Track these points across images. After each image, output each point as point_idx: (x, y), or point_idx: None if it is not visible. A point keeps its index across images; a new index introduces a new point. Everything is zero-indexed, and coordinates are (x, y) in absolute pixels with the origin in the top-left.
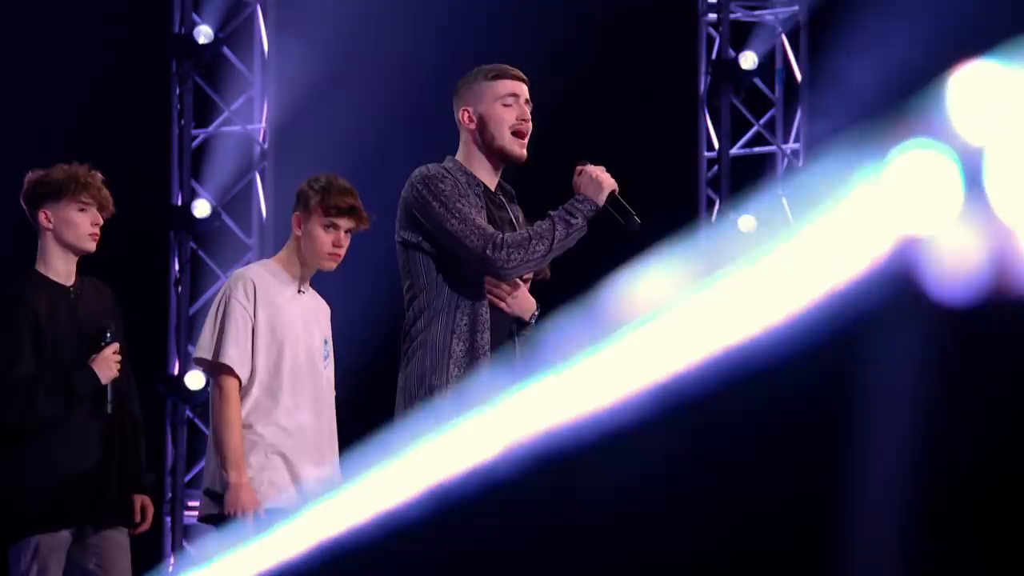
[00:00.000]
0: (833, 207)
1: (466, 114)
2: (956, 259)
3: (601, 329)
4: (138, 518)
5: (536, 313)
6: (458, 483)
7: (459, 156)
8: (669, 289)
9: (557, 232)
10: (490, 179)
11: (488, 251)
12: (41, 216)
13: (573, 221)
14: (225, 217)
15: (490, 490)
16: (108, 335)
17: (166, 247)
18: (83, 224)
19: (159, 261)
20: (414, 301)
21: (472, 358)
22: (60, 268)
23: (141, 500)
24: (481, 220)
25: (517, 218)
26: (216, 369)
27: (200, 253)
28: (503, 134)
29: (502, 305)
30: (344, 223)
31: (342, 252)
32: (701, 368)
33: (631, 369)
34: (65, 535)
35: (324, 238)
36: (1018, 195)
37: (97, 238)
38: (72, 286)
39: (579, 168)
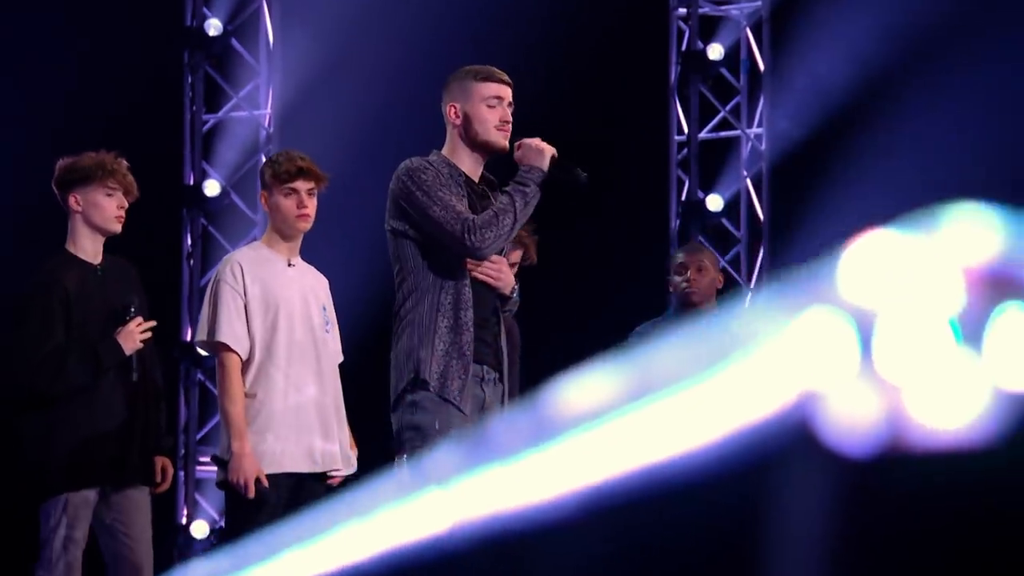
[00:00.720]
0: (747, 354)
1: (453, 109)
2: (852, 414)
3: (544, 429)
4: (159, 479)
5: (516, 288)
6: (410, 552)
7: (444, 150)
8: (605, 400)
9: (517, 204)
10: (473, 170)
11: (466, 234)
12: (71, 200)
13: (527, 190)
14: (233, 196)
15: (440, 561)
16: (132, 309)
17: (179, 223)
18: (110, 207)
19: (173, 236)
20: (403, 284)
21: (456, 333)
22: (88, 248)
23: (162, 462)
24: (461, 206)
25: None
26: (215, 348)
27: (210, 229)
28: (487, 130)
29: (489, 280)
30: (300, 184)
31: (309, 211)
32: (632, 477)
33: (569, 470)
34: (91, 493)
35: (287, 204)
36: (908, 357)
37: (123, 220)
38: (99, 264)
39: (518, 143)
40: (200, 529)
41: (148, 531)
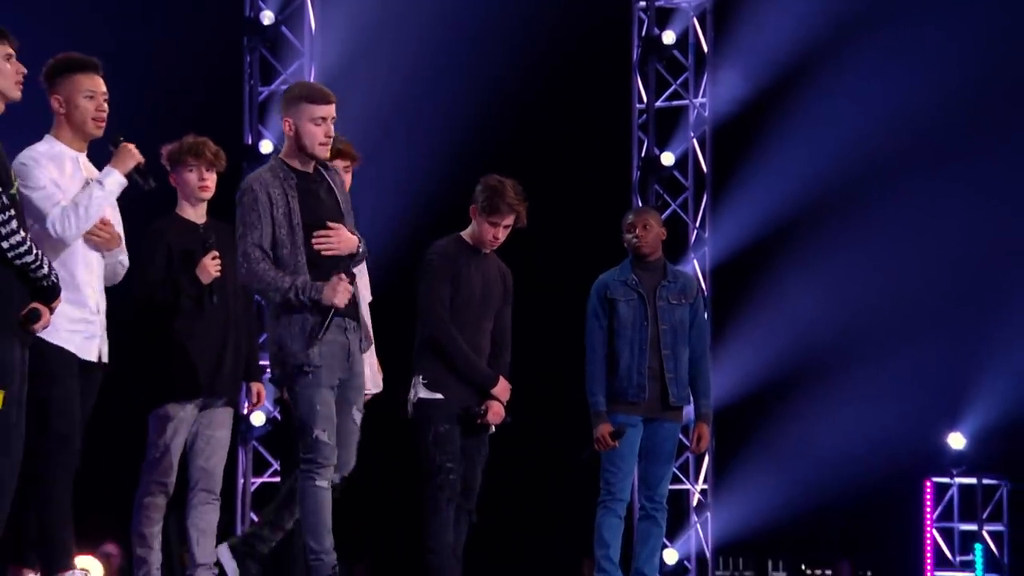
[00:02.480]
0: None
1: (288, 123)
2: None
3: None
4: (254, 400)
5: (362, 244)
6: None
7: (283, 153)
8: None
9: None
10: (305, 166)
11: (241, 259)
12: (171, 178)
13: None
14: None
15: None
16: (208, 244)
17: (239, 176)
18: (192, 181)
19: (234, 187)
20: None
21: (306, 310)
22: (189, 211)
23: (257, 387)
24: (253, 237)
25: (333, 182)
26: None
27: None
28: (313, 144)
29: (330, 251)
30: (338, 163)
31: (345, 183)
32: None
33: None
34: (190, 407)
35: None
36: None
37: (207, 189)
38: (202, 224)
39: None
40: (258, 418)
41: (226, 444)
